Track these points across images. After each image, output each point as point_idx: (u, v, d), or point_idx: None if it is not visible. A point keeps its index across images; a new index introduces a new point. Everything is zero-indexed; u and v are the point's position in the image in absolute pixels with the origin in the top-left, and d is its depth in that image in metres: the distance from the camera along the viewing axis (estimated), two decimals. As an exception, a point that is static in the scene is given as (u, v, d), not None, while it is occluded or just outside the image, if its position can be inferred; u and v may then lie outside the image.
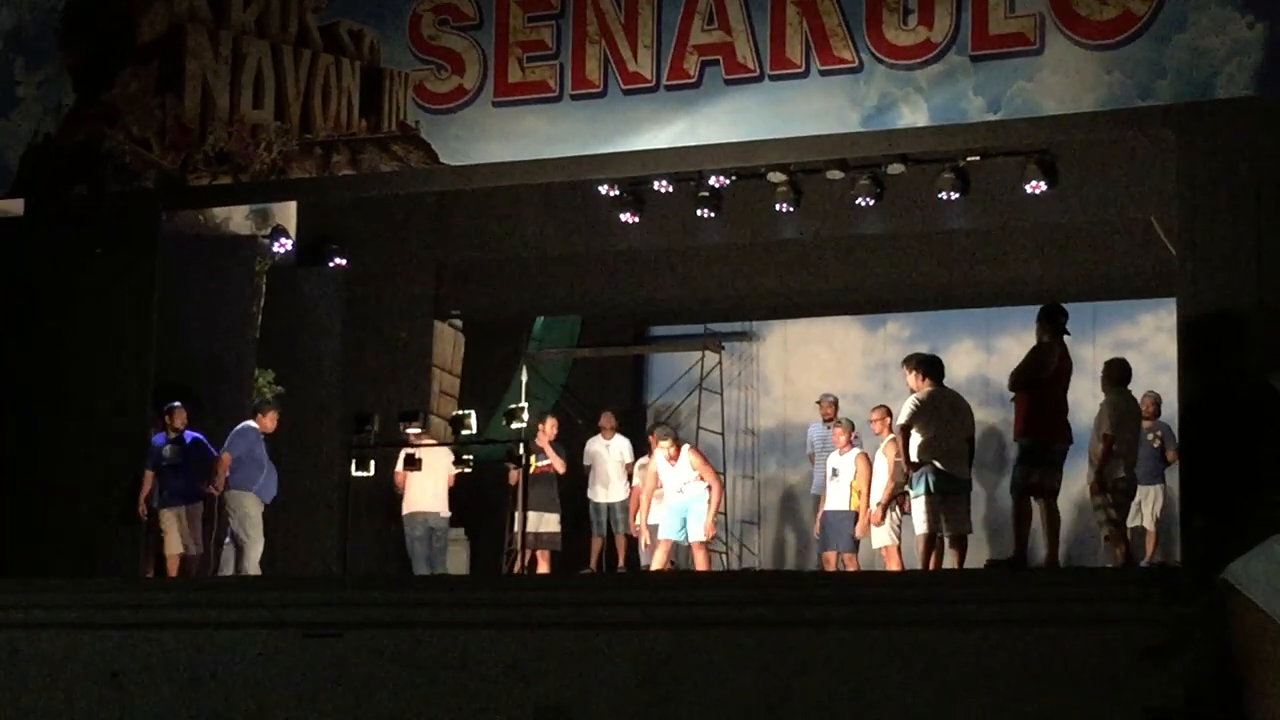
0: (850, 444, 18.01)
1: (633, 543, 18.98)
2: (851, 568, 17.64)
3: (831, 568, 17.83)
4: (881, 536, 17.10)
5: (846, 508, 17.73)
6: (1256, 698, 3.90)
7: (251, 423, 17.53)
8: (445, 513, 18.39)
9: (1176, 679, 10.59)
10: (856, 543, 17.80)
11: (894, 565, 16.96)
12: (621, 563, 19.12)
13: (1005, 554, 16.21)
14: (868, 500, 17.56)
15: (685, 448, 17.83)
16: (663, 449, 17.56)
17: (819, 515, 18.26)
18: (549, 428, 18.98)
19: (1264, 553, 4.01)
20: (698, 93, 15.32)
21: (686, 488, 17.41)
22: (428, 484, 18.12)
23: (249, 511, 17.16)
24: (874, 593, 13.16)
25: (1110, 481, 14.59)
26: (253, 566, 17.02)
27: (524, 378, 18.26)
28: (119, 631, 14.18)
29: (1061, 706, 11.47)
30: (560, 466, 18.84)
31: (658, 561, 17.37)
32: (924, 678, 11.86)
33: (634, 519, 18.30)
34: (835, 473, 17.93)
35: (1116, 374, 15.02)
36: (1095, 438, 14.90)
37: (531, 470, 17.84)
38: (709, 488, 17.54)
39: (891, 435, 16.07)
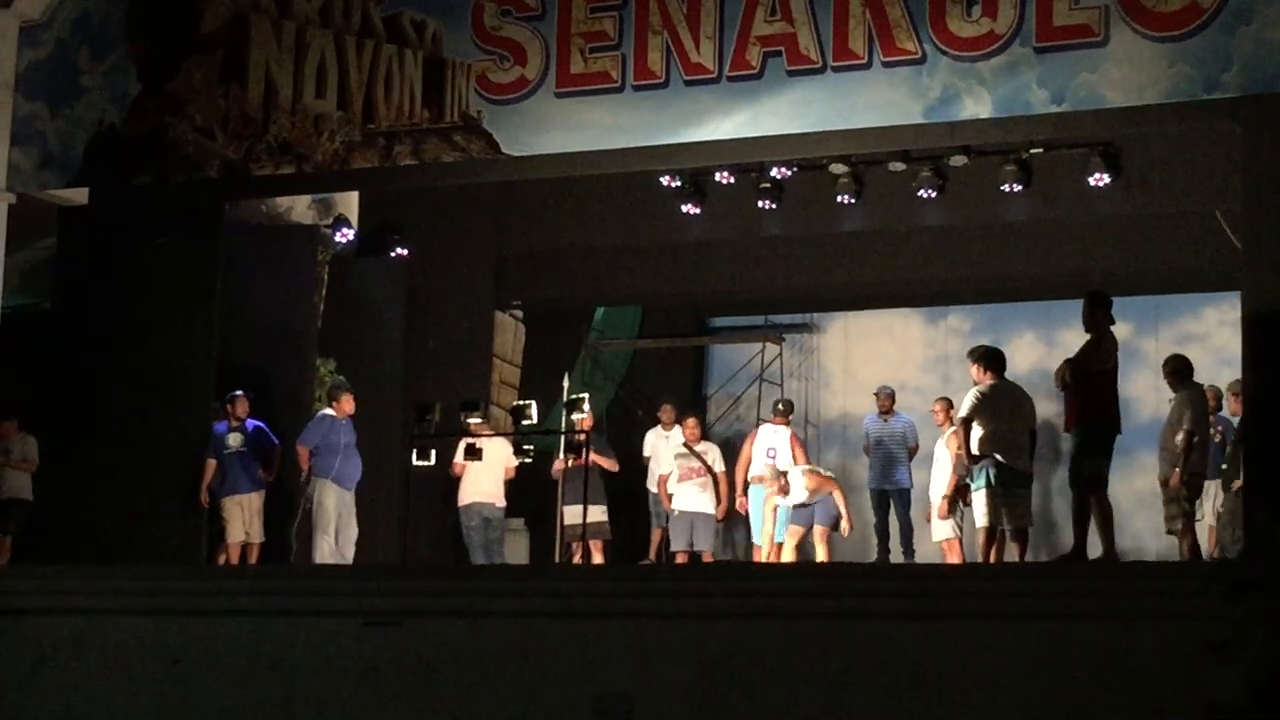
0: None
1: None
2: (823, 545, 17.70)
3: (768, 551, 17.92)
4: (943, 530, 17.04)
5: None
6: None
7: (328, 410, 17.63)
8: (501, 503, 18.36)
9: (1239, 675, 10.53)
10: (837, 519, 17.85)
11: (955, 558, 16.90)
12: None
13: (1062, 549, 16.13)
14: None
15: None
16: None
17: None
18: (587, 419, 18.86)
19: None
20: (760, 84, 15.31)
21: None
22: (484, 475, 18.10)
23: (322, 500, 17.23)
24: (935, 585, 13.13)
25: (1189, 476, 14.56)
26: (320, 555, 17.05)
27: (585, 366, 18.21)
28: (181, 618, 14.27)
29: (1123, 701, 11.44)
30: (611, 465, 18.74)
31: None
32: (984, 670, 11.83)
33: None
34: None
35: (1187, 369, 14.93)
36: (1170, 433, 14.76)
37: (571, 463, 17.83)
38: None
39: (953, 428, 15.99)
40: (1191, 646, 10.92)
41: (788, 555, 17.65)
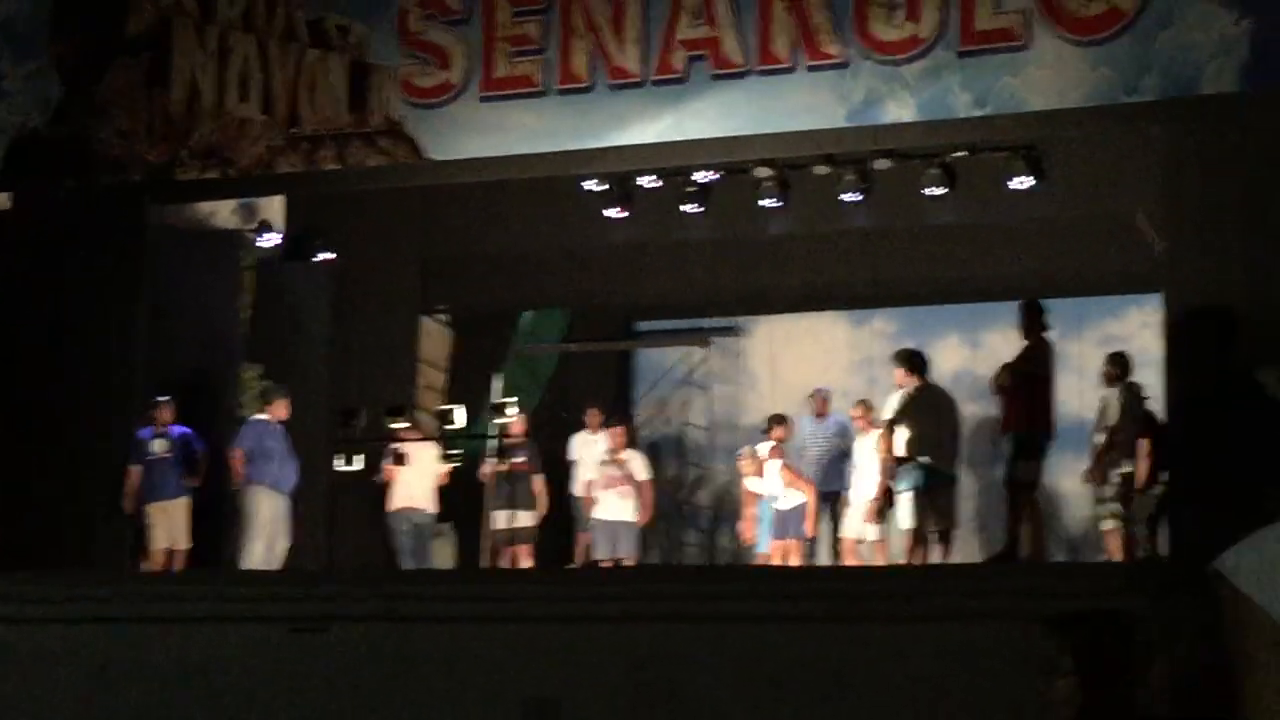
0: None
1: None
2: (796, 558, 17.63)
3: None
4: (863, 528, 17.08)
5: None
6: (1248, 688, 3.94)
7: (261, 415, 17.53)
8: (432, 509, 18.33)
9: (1165, 674, 10.58)
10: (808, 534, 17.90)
11: (880, 560, 16.96)
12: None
13: (992, 549, 16.21)
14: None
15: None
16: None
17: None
18: (518, 424, 18.82)
19: (1254, 545, 4.06)
20: (685, 88, 15.34)
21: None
22: (415, 480, 18.07)
23: (256, 506, 17.09)
24: (860, 587, 13.18)
25: (1118, 475, 14.66)
26: (250, 562, 16.91)
27: (512, 370, 18.16)
28: (106, 625, 14.18)
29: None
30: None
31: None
32: (911, 673, 11.88)
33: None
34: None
35: (1126, 368, 15.03)
36: (1098, 432, 14.85)
37: (500, 468, 17.79)
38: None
39: (878, 430, 16.05)
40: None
41: None
